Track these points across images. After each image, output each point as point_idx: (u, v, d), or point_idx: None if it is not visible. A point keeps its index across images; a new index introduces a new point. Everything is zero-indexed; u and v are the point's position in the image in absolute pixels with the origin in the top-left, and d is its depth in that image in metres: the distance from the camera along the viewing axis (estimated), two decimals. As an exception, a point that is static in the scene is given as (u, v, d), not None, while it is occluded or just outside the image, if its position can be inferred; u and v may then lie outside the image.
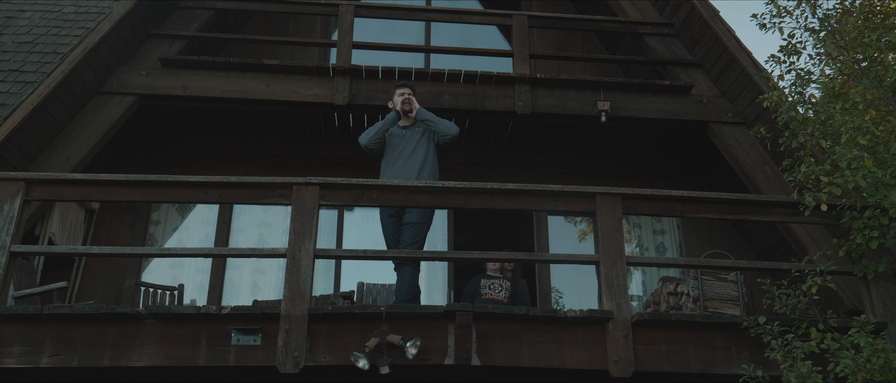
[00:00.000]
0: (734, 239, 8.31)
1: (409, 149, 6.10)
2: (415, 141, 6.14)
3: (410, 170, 6.00)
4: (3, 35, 8.52)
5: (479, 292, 6.91)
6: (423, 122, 6.18)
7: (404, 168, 6.01)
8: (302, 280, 4.94)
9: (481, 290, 6.91)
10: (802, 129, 5.46)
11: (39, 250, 6.15)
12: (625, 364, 4.91)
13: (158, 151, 8.24)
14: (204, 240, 7.98)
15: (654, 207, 5.60)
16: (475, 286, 6.98)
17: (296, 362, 4.70)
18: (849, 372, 4.49)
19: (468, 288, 7.04)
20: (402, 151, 6.10)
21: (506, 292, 6.89)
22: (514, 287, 6.95)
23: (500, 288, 6.90)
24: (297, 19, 8.93)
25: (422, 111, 6.23)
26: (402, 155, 6.08)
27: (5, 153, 6.35)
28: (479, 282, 6.95)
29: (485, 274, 7.02)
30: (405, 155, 6.07)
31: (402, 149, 6.11)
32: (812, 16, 6.01)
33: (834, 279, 5.27)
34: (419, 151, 6.10)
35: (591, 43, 9.22)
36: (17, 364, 4.68)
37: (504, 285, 6.92)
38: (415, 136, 6.17)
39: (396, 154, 6.11)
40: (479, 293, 6.90)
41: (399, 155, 6.09)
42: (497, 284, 6.91)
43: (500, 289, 6.89)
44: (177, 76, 7.32)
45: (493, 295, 6.85)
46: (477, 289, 6.94)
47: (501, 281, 6.93)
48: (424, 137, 6.17)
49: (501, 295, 6.87)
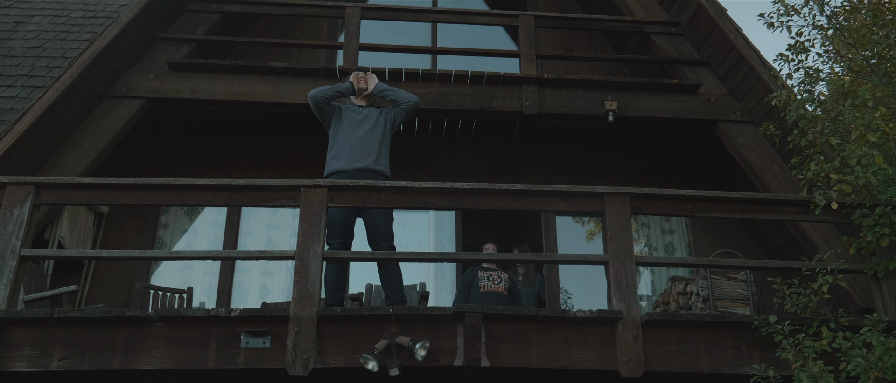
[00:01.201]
0: (743, 238, 8.28)
1: (367, 125, 5.90)
2: (373, 119, 5.96)
3: (369, 148, 5.80)
4: (11, 40, 8.56)
5: (476, 284, 6.83)
6: (383, 94, 6.02)
7: (363, 145, 5.80)
8: (310, 282, 4.93)
9: (479, 282, 6.84)
10: (811, 127, 5.44)
11: (49, 254, 6.16)
12: (635, 364, 4.89)
13: (167, 154, 8.26)
14: (212, 243, 8.00)
15: (662, 207, 5.58)
16: (471, 278, 6.89)
17: (305, 364, 4.70)
18: (860, 371, 4.47)
19: (464, 280, 6.96)
20: (360, 126, 5.89)
21: (505, 283, 6.82)
22: (529, 281, 6.90)
23: (499, 280, 6.83)
24: (303, 22, 8.94)
25: (379, 85, 6.06)
26: (360, 129, 5.87)
27: (15, 157, 6.38)
28: (476, 274, 6.88)
29: (481, 265, 6.95)
30: (364, 130, 5.86)
31: (361, 123, 5.90)
32: (820, 13, 5.99)
33: (845, 277, 5.24)
34: (377, 131, 5.91)
35: (598, 42, 9.20)
36: (27, 367, 4.70)
37: (502, 276, 6.85)
38: (373, 114, 5.99)
39: (354, 128, 5.88)
40: (477, 285, 6.82)
41: (357, 129, 5.87)
42: (495, 276, 6.85)
43: (499, 281, 6.83)
44: (184, 79, 7.34)
45: (492, 287, 6.79)
46: (474, 282, 6.86)
47: (499, 272, 6.87)
48: (381, 118, 5.99)
49: (501, 286, 6.80)
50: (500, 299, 6.74)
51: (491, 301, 6.63)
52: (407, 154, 8.45)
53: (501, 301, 6.72)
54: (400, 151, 8.41)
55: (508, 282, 6.89)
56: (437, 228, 8.32)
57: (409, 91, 7.37)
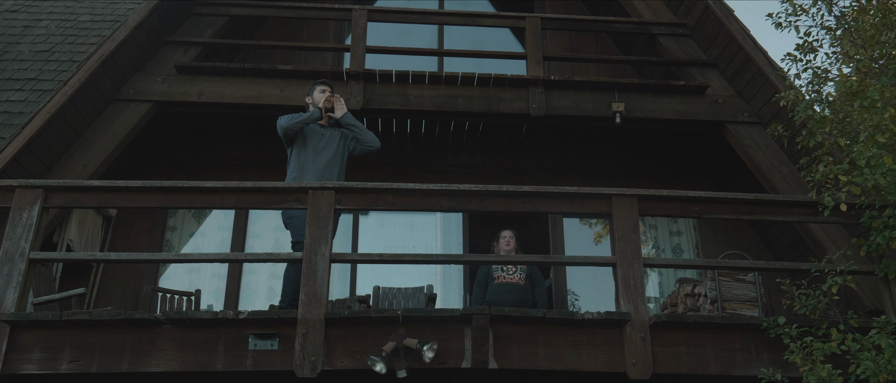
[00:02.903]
0: (751, 239, 8.25)
1: (330, 150, 5.91)
2: (336, 142, 5.97)
3: (331, 173, 5.82)
4: (20, 44, 8.60)
5: (491, 276, 6.76)
6: (350, 128, 6.01)
7: (327, 170, 5.81)
8: (318, 284, 4.94)
9: (494, 274, 6.77)
10: (820, 128, 5.41)
11: (58, 257, 6.18)
12: (643, 366, 4.88)
13: (174, 157, 8.28)
14: (220, 246, 8.02)
15: (670, 208, 5.57)
16: (487, 270, 6.83)
17: (313, 366, 4.71)
18: (870, 374, 4.44)
19: (480, 274, 6.92)
20: (324, 149, 5.88)
21: (521, 272, 6.73)
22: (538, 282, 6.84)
23: (515, 269, 6.75)
24: (310, 24, 8.95)
25: (349, 116, 6.06)
26: (325, 153, 5.87)
27: (24, 161, 6.41)
28: (491, 266, 6.82)
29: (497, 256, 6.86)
30: (328, 156, 5.87)
31: (325, 147, 5.90)
32: (828, 14, 5.97)
33: (854, 279, 5.21)
34: (338, 156, 5.94)
35: (605, 44, 9.19)
36: (36, 370, 4.71)
37: (519, 266, 6.75)
38: (335, 137, 5.99)
39: (318, 150, 5.88)
40: (492, 277, 6.76)
41: (321, 151, 5.87)
42: (511, 266, 6.74)
43: (515, 270, 6.74)
44: (192, 82, 7.36)
45: (507, 278, 6.71)
46: (489, 273, 6.80)
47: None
48: (342, 141, 6.01)
49: (516, 276, 6.72)
50: (516, 290, 6.65)
51: (506, 292, 6.57)
52: (414, 156, 8.46)
53: (517, 292, 6.63)
54: (407, 153, 8.45)
55: (525, 271, 6.76)
56: (444, 230, 8.32)
57: (417, 94, 7.42)
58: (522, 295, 6.67)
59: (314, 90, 6.16)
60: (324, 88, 6.12)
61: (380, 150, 6.16)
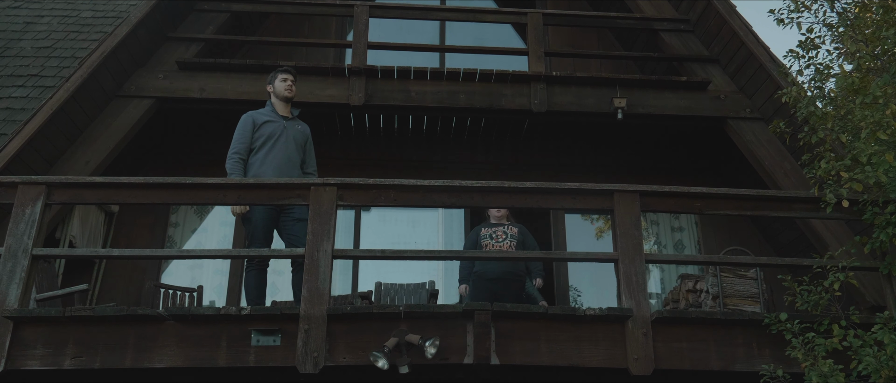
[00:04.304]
0: (753, 235, 8.25)
1: (299, 141, 5.86)
2: (302, 132, 5.92)
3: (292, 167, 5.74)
4: (22, 40, 8.60)
5: (479, 244, 6.59)
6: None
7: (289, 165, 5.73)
8: (320, 280, 4.95)
9: (482, 241, 6.61)
10: (822, 124, 5.41)
11: (60, 253, 6.20)
12: (645, 362, 4.88)
13: (176, 154, 8.29)
14: (222, 242, 8.03)
15: (672, 204, 5.57)
16: (474, 238, 6.69)
17: (315, 362, 4.72)
18: (871, 370, 4.44)
19: (468, 242, 6.82)
20: (288, 143, 5.78)
21: (511, 239, 6.55)
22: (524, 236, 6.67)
23: (504, 236, 6.56)
24: (312, 20, 8.96)
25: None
26: (288, 146, 5.78)
27: (26, 157, 6.41)
28: (479, 232, 6.68)
29: (487, 223, 6.73)
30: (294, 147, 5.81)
31: (290, 140, 5.80)
32: (830, 10, 5.95)
33: (856, 275, 5.21)
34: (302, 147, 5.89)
35: (607, 40, 9.19)
36: (40, 366, 4.73)
37: (509, 232, 6.57)
38: (296, 128, 5.91)
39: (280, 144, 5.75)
40: (480, 244, 6.59)
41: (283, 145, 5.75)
42: (500, 232, 6.58)
43: (504, 237, 6.56)
44: (194, 78, 7.37)
45: (496, 245, 6.54)
46: (477, 241, 6.64)
47: (506, 228, 6.62)
48: (302, 130, 5.97)
49: (505, 243, 6.54)
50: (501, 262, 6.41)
51: (492, 263, 6.39)
52: (416, 152, 8.46)
53: (503, 263, 6.42)
54: (409, 150, 8.45)
55: (516, 238, 6.59)
56: (446, 226, 8.33)
57: (418, 90, 7.42)
58: (511, 264, 6.48)
59: (275, 78, 6.01)
60: (285, 77, 5.98)
61: (382, 146, 6.16)
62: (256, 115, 5.87)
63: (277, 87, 5.98)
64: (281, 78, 5.99)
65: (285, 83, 5.96)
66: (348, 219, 8.13)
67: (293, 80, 6.01)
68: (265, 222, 5.62)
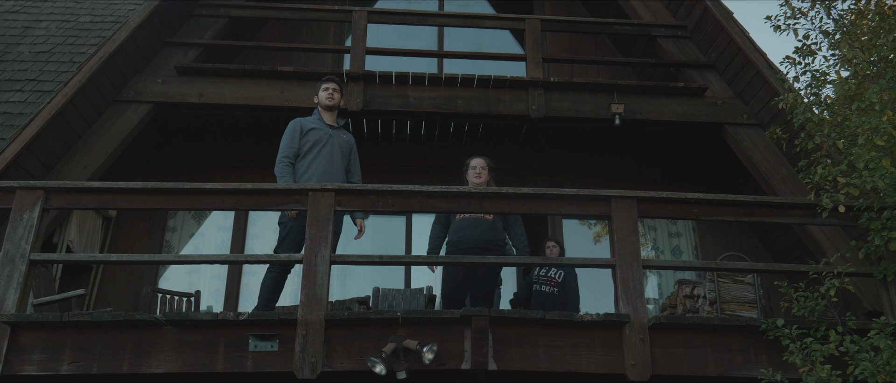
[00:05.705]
0: (750, 241, 8.27)
1: (344, 150, 5.87)
2: (347, 142, 5.92)
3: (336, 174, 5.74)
4: (20, 45, 8.61)
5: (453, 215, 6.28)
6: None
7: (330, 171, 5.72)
8: (318, 285, 4.94)
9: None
10: (818, 130, 5.43)
11: (58, 258, 6.19)
12: (642, 367, 4.89)
13: (174, 159, 8.30)
14: (220, 247, 8.03)
15: (669, 210, 5.58)
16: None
17: (313, 368, 4.71)
18: (868, 375, 4.46)
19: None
20: (333, 150, 5.78)
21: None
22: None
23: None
24: (310, 26, 8.97)
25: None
26: (333, 154, 5.77)
27: (24, 162, 6.41)
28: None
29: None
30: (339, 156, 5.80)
31: (336, 148, 5.81)
32: (827, 17, 5.98)
33: (852, 281, 5.23)
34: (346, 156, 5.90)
35: (604, 46, 9.21)
36: (37, 371, 4.72)
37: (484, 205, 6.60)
38: (342, 137, 5.91)
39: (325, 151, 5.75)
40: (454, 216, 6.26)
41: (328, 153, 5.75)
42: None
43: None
44: (192, 84, 7.38)
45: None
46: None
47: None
48: (347, 139, 5.98)
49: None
50: (480, 224, 6.07)
51: (471, 228, 6.04)
52: (414, 157, 8.47)
53: (482, 226, 6.06)
54: (407, 155, 8.46)
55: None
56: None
57: (417, 95, 7.44)
58: (490, 231, 6.06)
59: (319, 88, 6.02)
60: (326, 85, 5.97)
61: (380, 152, 6.16)
62: (304, 122, 5.88)
63: (319, 96, 5.98)
64: (322, 87, 5.98)
65: (326, 92, 5.94)
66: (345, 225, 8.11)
67: (334, 88, 5.97)
68: (299, 230, 5.49)
